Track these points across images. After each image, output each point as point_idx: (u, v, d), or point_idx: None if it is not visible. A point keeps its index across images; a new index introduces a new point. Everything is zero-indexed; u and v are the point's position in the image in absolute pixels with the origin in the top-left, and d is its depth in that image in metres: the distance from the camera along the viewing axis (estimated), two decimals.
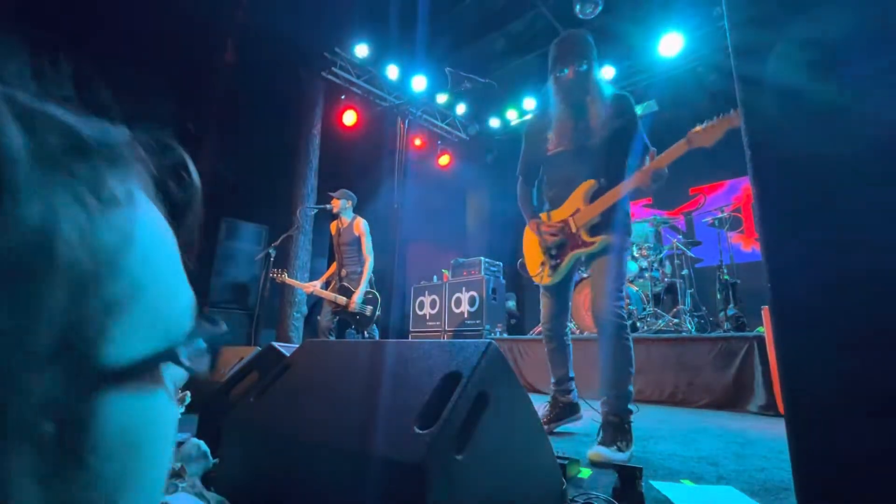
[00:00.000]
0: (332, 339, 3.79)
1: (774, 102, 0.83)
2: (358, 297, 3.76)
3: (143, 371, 0.25)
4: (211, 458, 1.30)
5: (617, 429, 1.87)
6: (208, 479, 1.24)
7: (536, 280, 2.24)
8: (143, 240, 0.25)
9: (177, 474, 1.11)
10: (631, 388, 1.94)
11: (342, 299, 3.81)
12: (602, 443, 1.84)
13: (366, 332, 3.87)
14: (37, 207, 0.20)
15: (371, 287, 3.90)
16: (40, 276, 0.20)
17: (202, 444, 1.30)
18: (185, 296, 0.28)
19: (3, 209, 0.19)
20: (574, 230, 2.04)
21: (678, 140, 1.86)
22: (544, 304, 2.26)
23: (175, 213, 0.29)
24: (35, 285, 0.20)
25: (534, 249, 2.23)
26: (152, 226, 0.26)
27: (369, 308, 3.85)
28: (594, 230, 2.00)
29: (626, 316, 1.96)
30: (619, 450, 1.82)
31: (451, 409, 0.94)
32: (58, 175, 0.21)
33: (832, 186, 0.75)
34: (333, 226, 4.09)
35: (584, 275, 5.07)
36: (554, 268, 2.11)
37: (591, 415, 2.76)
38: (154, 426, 0.26)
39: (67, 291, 0.21)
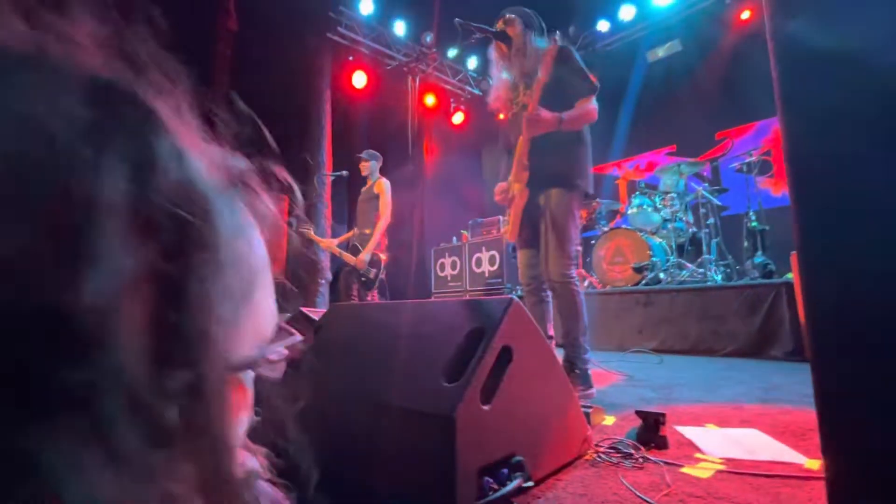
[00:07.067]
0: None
1: (809, 54, 0.77)
2: (365, 256, 3.74)
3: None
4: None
5: (568, 373, 1.99)
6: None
7: (505, 237, 2.53)
8: (259, 251, 0.30)
9: None
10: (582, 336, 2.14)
11: (351, 258, 3.83)
12: None
13: (367, 295, 3.82)
14: (243, 245, 0.27)
15: (381, 249, 3.84)
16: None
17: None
18: (271, 305, 0.31)
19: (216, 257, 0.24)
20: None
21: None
22: (518, 259, 2.42)
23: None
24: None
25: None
26: (261, 245, 0.31)
27: (373, 271, 3.80)
28: (528, 184, 2.20)
29: (573, 272, 2.15)
30: None
31: (477, 363, 0.97)
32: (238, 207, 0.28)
33: (867, 141, 0.71)
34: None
35: (605, 229, 5.01)
36: (508, 223, 2.36)
37: (616, 379, 2.80)
38: None
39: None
